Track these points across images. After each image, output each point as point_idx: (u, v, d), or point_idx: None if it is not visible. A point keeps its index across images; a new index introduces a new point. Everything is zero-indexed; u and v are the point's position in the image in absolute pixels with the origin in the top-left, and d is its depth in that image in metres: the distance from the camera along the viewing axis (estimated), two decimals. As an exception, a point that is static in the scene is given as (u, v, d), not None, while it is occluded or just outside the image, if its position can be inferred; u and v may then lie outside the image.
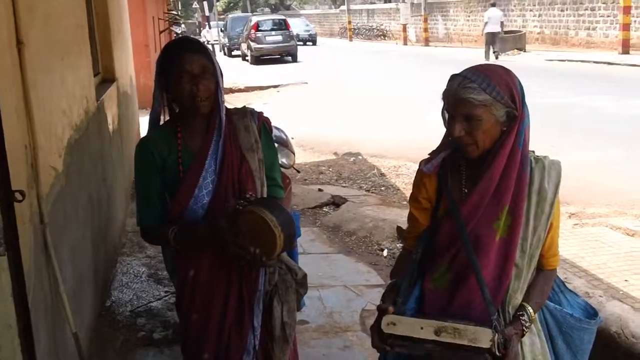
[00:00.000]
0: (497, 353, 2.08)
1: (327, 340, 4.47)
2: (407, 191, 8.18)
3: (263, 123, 2.73)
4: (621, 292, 4.15)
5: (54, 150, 3.49)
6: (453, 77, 2.20)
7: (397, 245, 6.16)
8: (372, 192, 8.44)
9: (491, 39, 25.42)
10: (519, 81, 2.21)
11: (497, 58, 24.50)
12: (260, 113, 2.76)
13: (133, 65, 9.58)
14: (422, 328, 2.12)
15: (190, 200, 2.56)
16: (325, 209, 7.67)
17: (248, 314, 2.66)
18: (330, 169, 9.64)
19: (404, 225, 2.53)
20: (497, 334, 2.08)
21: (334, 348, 4.37)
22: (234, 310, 2.66)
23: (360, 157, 10.37)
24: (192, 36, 2.81)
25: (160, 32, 18.61)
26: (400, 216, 6.69)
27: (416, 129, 11.06)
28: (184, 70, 2.50)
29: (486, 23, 25.63)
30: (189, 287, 2.68)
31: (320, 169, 9.69)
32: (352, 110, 15.05)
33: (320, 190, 8.32)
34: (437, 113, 2.27)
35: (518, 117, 2.16)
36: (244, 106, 2.79)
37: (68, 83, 4.07)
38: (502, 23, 26.00)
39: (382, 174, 9.29)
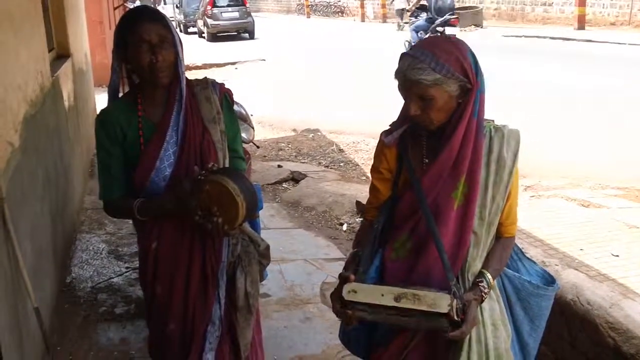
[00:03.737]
0: (456, 317, 2.11)
1: (288, 312, 4.51)
2: (366, 167, 8.21)
3: (225, 95, 2.70)
4: (576, 261, 4.23)
5: (10, 125, 3.44)
6: (403, 57, 2.19)
7: (357, 219, 6.21)
8: (331, 168, 8.47)
9: (401, 14, 27.54)
10: (470, 51, 2.20)
11: (402, 29, 26.44)
12: (222, 84, 2.73)
13: (88, 42, 9.40)
14: (382, 295, 2.15)
15: (152, 172, 2.53)
16: (284, 184, 7.68)
17: (212, 285, 2.66)
18: (290, 146, 9.63)
19: (363, 200, 2.55)
20: (455, 299, 2.11)
21: (295, 320, 4.42)
22: (198, 282, 2.65)
23: (319, 133, 10.37)
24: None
25: (115, 9, 18.24)
26: (360, 191, 6.74)
27: (374, 104, 11.08)
28: (142, 39, 2.44)
29: (393, 1, 28.64)
30: (152, 259, 2.66)
31: (280, 145, 9.67)
32: (310, 87, 15.00)
33: (279, 166, 8.32)
34: (394, 88, 2.26)
35: (473, 88, 2.17)
36: (205, 77, 2.74)
37: (22, 58, 3.99)
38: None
39: (341, 150, 9.32)
